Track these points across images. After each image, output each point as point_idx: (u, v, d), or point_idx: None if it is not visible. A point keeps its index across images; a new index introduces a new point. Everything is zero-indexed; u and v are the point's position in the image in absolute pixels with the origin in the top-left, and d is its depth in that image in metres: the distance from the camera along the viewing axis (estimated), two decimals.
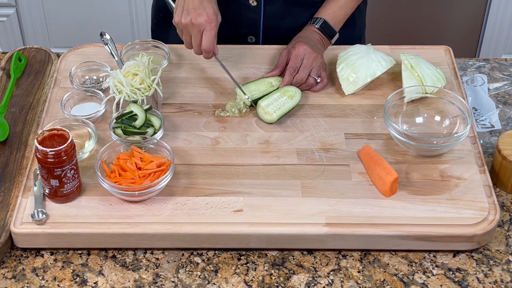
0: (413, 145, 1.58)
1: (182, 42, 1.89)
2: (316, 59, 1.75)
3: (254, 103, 1.71)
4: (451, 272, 1.45)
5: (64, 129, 1.49)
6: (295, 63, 1.74)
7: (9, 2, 3.08)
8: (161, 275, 1.45)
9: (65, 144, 1.45)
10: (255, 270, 1.46)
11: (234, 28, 1.90)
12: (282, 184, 1.54)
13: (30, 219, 1.47)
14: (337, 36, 1.84)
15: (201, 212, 1.49)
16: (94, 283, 1.43)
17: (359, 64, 1.75)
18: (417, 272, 1.45)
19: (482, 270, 1.46)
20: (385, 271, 1.46)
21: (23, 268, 1.46)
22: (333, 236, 1.46)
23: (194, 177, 1.56)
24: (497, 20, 3.14)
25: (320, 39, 1.81)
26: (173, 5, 1.73)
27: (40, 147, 1.44)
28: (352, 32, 1.98)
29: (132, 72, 1.66)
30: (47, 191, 1.50)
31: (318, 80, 1.75)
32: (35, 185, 1.53)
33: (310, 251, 1.49)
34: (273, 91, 1.72)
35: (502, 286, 1.43)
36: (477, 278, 1.44)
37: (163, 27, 1.97)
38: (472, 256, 1.48)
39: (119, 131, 1.60)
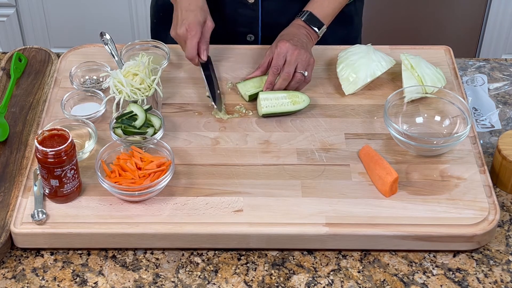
0: (413, 145, 1.58)
1: None
2: (300, 55, 1.68)
3: (253, 98, 1.71)
4: (451, 272, 1.45)
5: (64, 129, 1.49)
6: (278, 62, 1.69)
7: (9, 2, 3.08)
8: (161, 275, 1.44)
9: (65, 144, 1.45)
10: (255, 270, 1.46)
11: (233, 27, 1.89)
12: (282, 184, 1.54)
13: (30, 219, 1.47)
14: (324, 28, 1.77)
15: (201, 212, 1.49)
16: (94, 283, 1.43)
17: (359, 64, 1.75)
18: (417, 272, 1.45)
19: (482, 270, 1.46)
20: (385, 271, 1.45)
21: (23, 268, 1.46)
22: (333, 236, 1.46)
23: (194, 177, 1.56)
24: (497, 20, 3.14)
25: (306, 33, 1.76)
26: None
27: (40, 147, 1.44)
28: (349, 30, 1.97)
29: (132, 72, 1.66)
30: (47, 191, 1.50)
31: (306, 75, 1.70)
32: (35, 185, 1.53)
33: (310, 251, 1.49)
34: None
35: (502, 286, 1.43)
36: (477, 278, 1.44)
37: (163, 26, 1.97)
38: (472, 256, 1.48)
39: (119, 131, 1.60)
